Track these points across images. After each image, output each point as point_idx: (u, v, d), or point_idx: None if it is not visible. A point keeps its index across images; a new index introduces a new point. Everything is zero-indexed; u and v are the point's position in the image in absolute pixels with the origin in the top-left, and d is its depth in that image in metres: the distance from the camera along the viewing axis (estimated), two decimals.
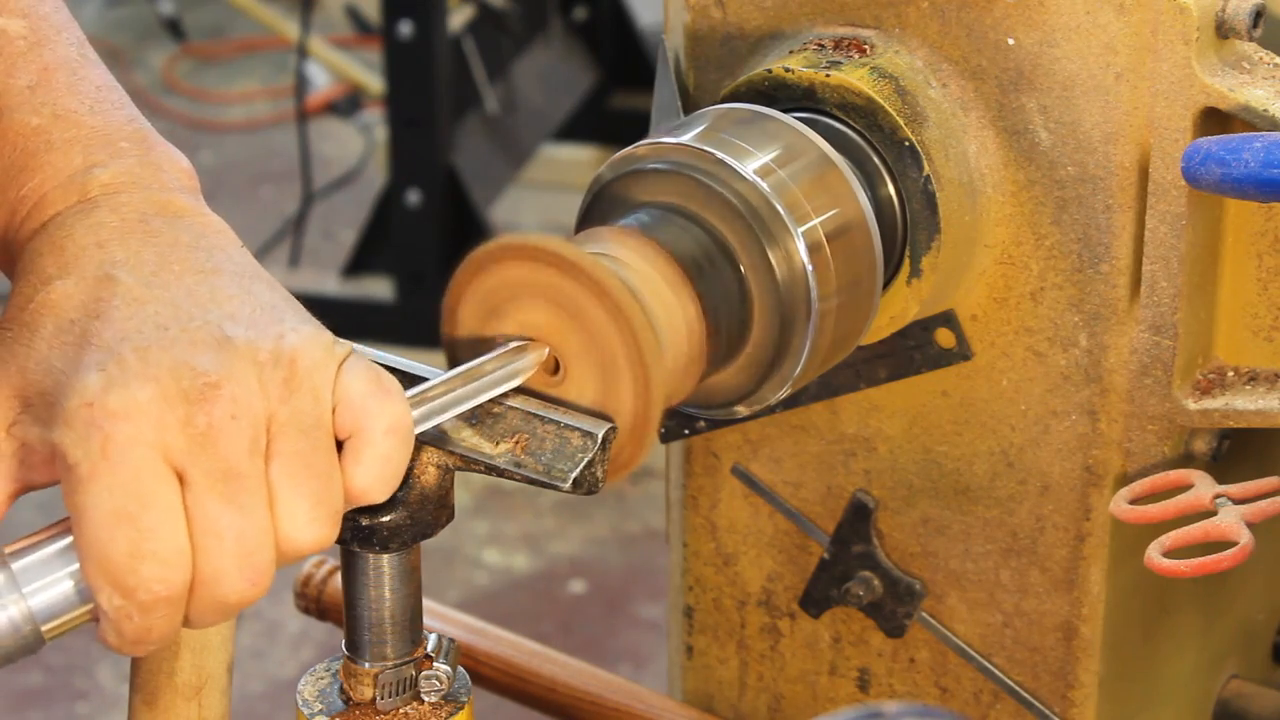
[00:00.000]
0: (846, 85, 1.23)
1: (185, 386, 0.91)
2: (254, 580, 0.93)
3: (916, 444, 1.34)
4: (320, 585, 1.52)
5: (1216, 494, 1.21)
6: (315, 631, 3.30)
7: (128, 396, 0.90)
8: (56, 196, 1.01)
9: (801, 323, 1.15)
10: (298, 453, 0.93)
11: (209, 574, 0.92)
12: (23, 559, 0.93)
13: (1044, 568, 1.33)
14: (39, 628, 0.93)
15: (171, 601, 0.91)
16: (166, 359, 0.92)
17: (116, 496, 0.90)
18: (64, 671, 3.27)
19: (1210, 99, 1.20)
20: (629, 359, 1.04)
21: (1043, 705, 1.35)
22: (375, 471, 0.96)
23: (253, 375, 0.92)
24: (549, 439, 1.03)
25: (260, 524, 0.92)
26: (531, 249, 1.05)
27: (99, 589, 0.91)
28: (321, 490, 0.94)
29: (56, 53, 1.06)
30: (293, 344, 0.94)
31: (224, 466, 0.91)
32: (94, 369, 0.91)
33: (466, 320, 1.08)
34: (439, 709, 1.08)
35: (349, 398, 0.95)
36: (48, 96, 1.04)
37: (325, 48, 5.15)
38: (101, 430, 0.90)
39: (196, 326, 0.93)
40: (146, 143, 1.04)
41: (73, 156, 1.02)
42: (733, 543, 1.43)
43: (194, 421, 0.91)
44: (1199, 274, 1.25)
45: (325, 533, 0.95)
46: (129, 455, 0.90)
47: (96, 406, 0.90)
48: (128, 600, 0.91)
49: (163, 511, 0.90)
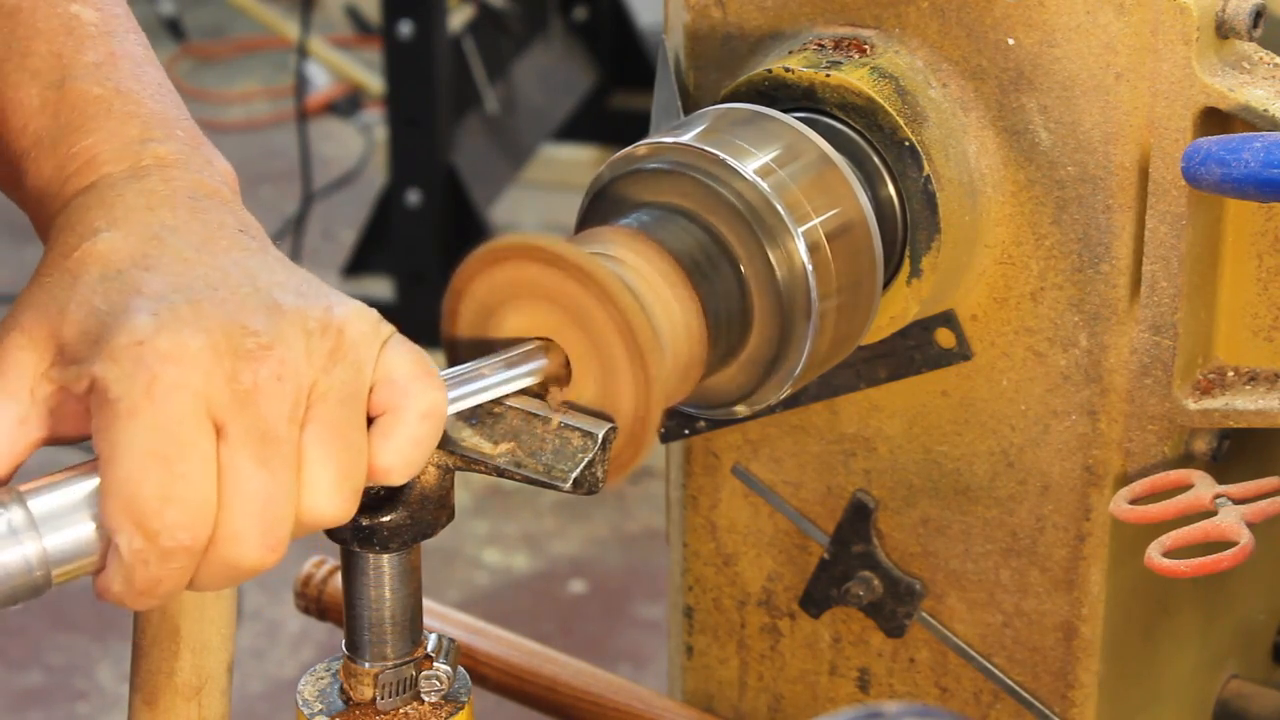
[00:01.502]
0: (846, 85, 1.23)
1: (236, 342, 0.91)
2: (271, 546, 0.92)
3: (916, 444, 1.34)
4: (320, 585, 1.52)
5: (1216, 494, 1.21)
6: (315, 631, 3.30)
7: (180, 341, 0.90)
8: (109, 158, 1.01)
9: (801, 323, 1.15)
10: (333, 423, 0.93)
11: (230, 532, 0.91)
12: (40, 497, 0.91)
13: (1044, 568, 1.33)
14: (51, 570, 0.91)
15: (190, 552, 0.90)
16: (219, 313, 0.92)
17: (155, 437, 0.89)
18: (64, 671, 3.27)
19: (1210, 99, 1.20)
20: (629, 359, 1.04)
21: (1043, 705, 1.35)
22: (403, 452, 0.96)
23: (301, 341, 0.92)
24: (549, 439, 1.03)
25: (286, 489, 0.92)
26: (532, 249, 1.05)
27: (120, 528, 0.89)
28: (349, 463, 0.94)
29: (124, 45, 1.07)
30: (341, 315, 0.94)
31: (262, 427, 0.91)
32: (146, 312, 0.91)
33: (467, 320, 1.08)
34: (439, 709, 1.08)
35: (391, 375, 0.95)
36: (112, 74, 1.05)
37: (325, 48, 5.16)
38: (149, 369, 0.89)
39: (246, 292, 0.94)
40: (198, 139, 1.05)
41: (130, 127, 1.02)
42: (733, 543, 1.43)
43: (240, 378, 0.90)
44: (1199, 274, 1.25)
45: (345, 507, 0.94)
46: (173, 398, 0.89)
47: (147, 345, 0.89)
48: (149, 544, 0.89)
49: (198, 460, 0.89)
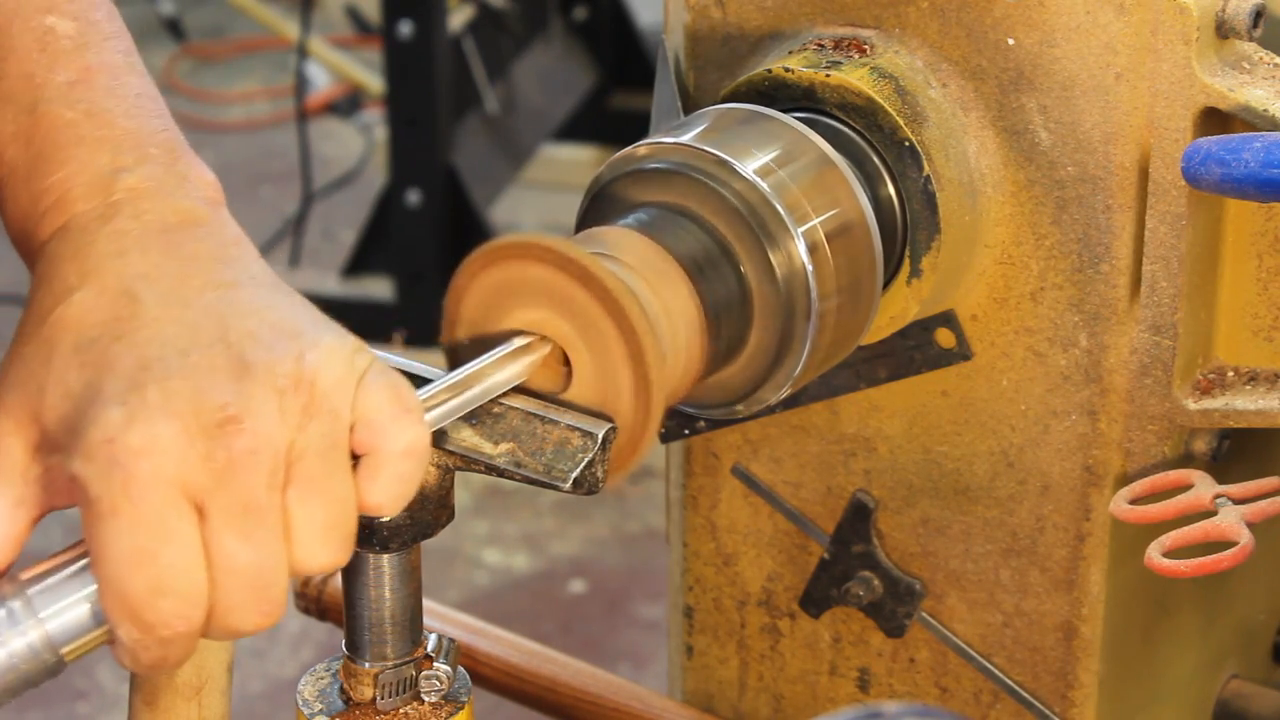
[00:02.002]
0: (846, 85, 1.23)
1: (205, 421, 0.91)
2: (268, 612, 0.93)
3: (916, 444, 1.34)
4: (320, 585, 1.52)
5: (1216, 494, 1.21)
6: (315, 631, 3.29)
7: (149, 433, 0.90)
8: (80, 194, 1.00)
9: (801, 323, 1.15)
10: (314, 479, 0.93)
11: (224, 607, 0.92)
12: (40, 584, 0.93)
13: (1044, 568, 1.33)
14: (58, 651, 0.94)
15: (188, 636, 0.92)
16: (187, 390, 0.91)
17: (138, 534, 0.89)
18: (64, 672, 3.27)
19: (1210, 99, 1.20)
20: (629, 359, 1.04)
21: (1043, 705, 1.35)
22: (391, 491, 0.96)
23: (273, 404, 0.92)
24: (549, 439, 1.03)
25: (275, 556, 0.92)
26: (532, 249, 1.05)
27: (118, 623, 0.91)
28: (336, 515, 0.94)
29: (101, 56, 1.06)
30: (313, 362, 0.94)
31: (243, 501, 0.91)
32: (115, 402, 0.91)
33: (467, 320, 1.08)
34: (439, 709, 1.08)
35: (369, 416, 0.95)
36: (85, 94, 1.04)
37: (325, 48, 5.16)
38: (123, 468, 0.89)
39: (217, 351, 0.93)
40: (174, 152, 1.04)
41: (101, 155, 1.01)
42: (733, 543, 1.43)
43: (214, 456, 0.90)
44: (1199, 274, 1.25)
45: (338, 557, 0.95)
46: (150, 493, 0.89)
47: (118, 443, 0.90)
48: (146, 635, 0.91)
49: (182, 548, 0.90)
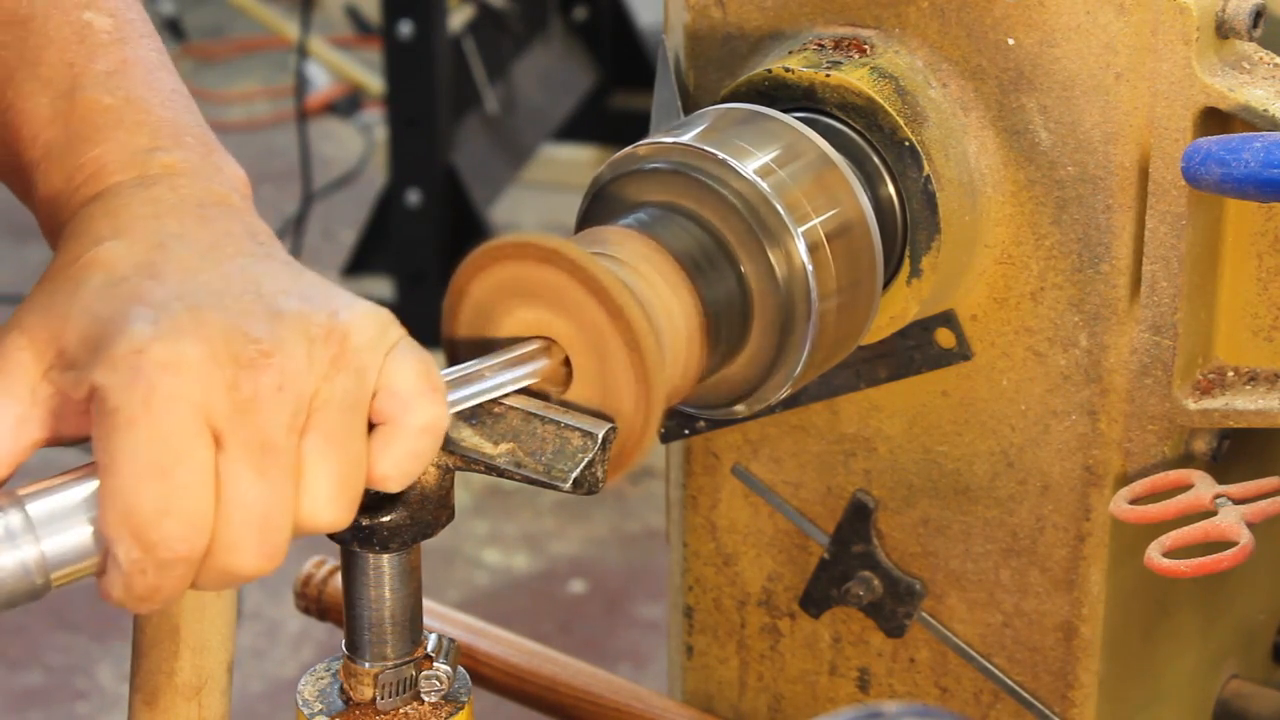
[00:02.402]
0: (846, 85, 1.23)
1: (236, 350, 0.91)
2: (268, 555, 0.92)
3: (916, 444, 1.34)
4: (320, 585, 1.52)
5: (1216, 494, 1.21)
6: (315, 631, 3.30)
7: (178, 350, 0.89)
8: (117, 168, 1.01)
9: (801, 322, 1.15)
10: (333, 432, 0.92)
11: (226, 541, 0.91)
12: (39, 501, 0.92)
13: (1044, 568, 1.33)
14: (49, 574, 0.91)
15: (187, 562, 0.90)
16: (220, 320, 0.91)
17: (153, 449, 0.89)
18: (64, 671, 3.27)
19: (1210, 99, 1.20)
20: (629, 359, 1.04)
21: (1043, 705, 1.35)
22: (401, 464, 0.96)
23: (303, 348, 0.92)
24: (549, 439, 1.03)
25: (284, 499, 0.92)
26: (532, 249, 1.05)
27: (118, 539, 0.90)
28: (348, 472, 0.93)
29: (137, 51, 1.07)
30: (346, 320, 0.94)
31: (261, 437, 0.90)
32: (145, 319, 0.90)
33: (467, 320, 1.08)
34: (439, 709, 1.08)
35: (394, 386, 0.95)
36: (123, 83, 1.05)
37: (325, 48, 5.16)
38: (147, 379, 0.89)
39: (250, 299, 0.93)
40: (208, 145, 1.05)
41: (139, 136, 1.02)
42: (733, 543, 1.43)
43: (240, 386, 0.90)
44: (1199, 274, 1.25)
45: (343, 515, 0.94)
46: (171, 409, 0.89)
47: (145, 355, 0.89)
48: (146, 554, 0.90)
49: (196, 471, 0.89)
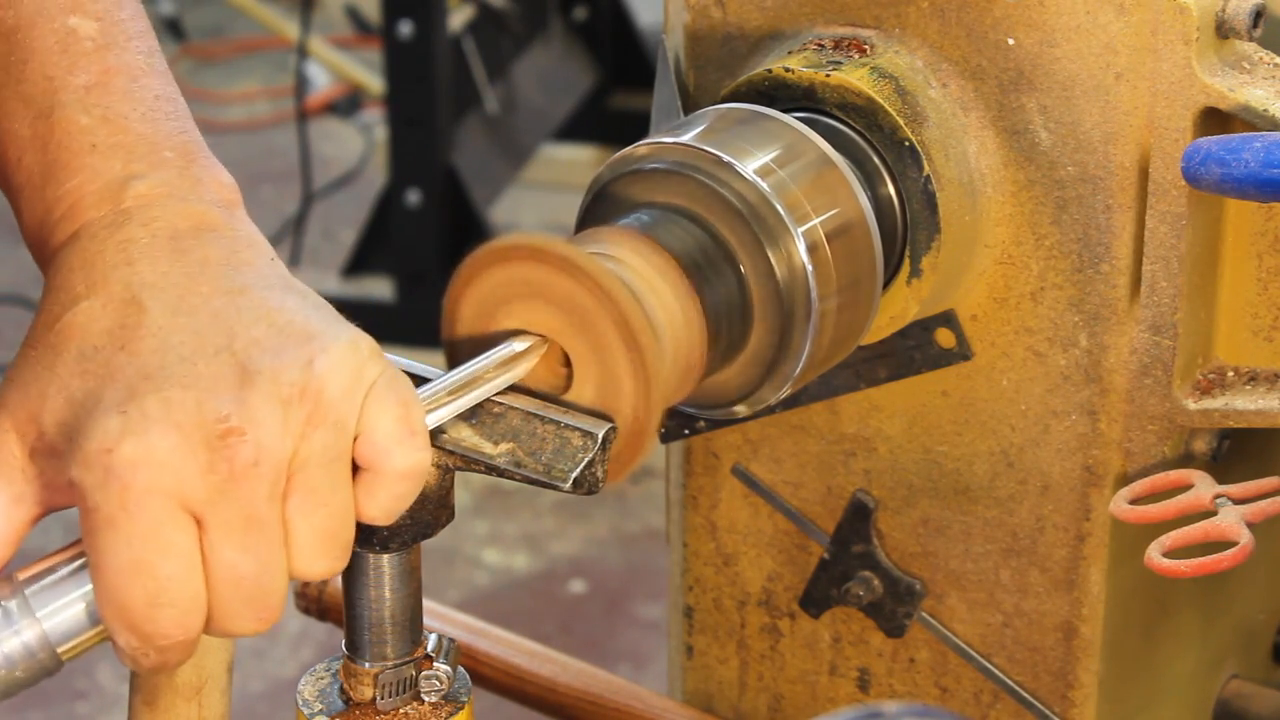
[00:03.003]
0: (846, 85, 1.23)
1: (207, 432, 0.90)
2: (266, 618, 0.93)
3: (916, 444, 1.34)
4: (320, 585, 1.52)
5: (1216, 494, 1.21)
6: (315, 631, 3.30)
7: (147, 445, 0.90)
8: (91, 203, 1.00)
9: (801, 323, 1.15)
10: (315, 490, 0.93)
11: (222, 614, 0.92)
12: (37, 584, 0.94)
13: (1044, 568, 1.33)
14: (54, 650, 0.94)
15: (185, 644, 0.93)
16: (188, 400, 0.91)
17: (135, 547, 0.89)
18: (64, 671, 3.26)
19: (1210, 99, 1.20)
20: (629, 360, 1.04)
21: (1043, 705, 1.35)
22: (386, 507, 0.96)
23: (277, 414, 0.91)
24: (549, 439, 1.03)
25: (273, 566, 0.92)
26: (532, 249, 1.05)
27: (117, 631, 0.92)
28: (335, 526, 0.94)
29: (122, 58, 1.05)
30: (320, 370, 0.93)
31: (244, 513, 0.91)
32: (114, 411, 0.90)
33: (467, 320, 1.08)
34: (439, 709, 1.08)
35: (372, 435, 0.94)
36: (102, 98, 1.03)
37: (325, 48, 5.16)
38: (120, 479, 0.89)
39: (222, 360, 0.92)
40: (189, 154, 1.03)
41: (113, 162, 1.01)
42: (733, 543, 1.43)
43: (215, 469, 0.90)
44: (1199, 274, 1.25)
45: (336, 564, 0.95)
46: (147, 504, 0.89)
47: (115, 454, 0.89)
48: (144, 643, 0.92)
49: (180, 560, 0.90)
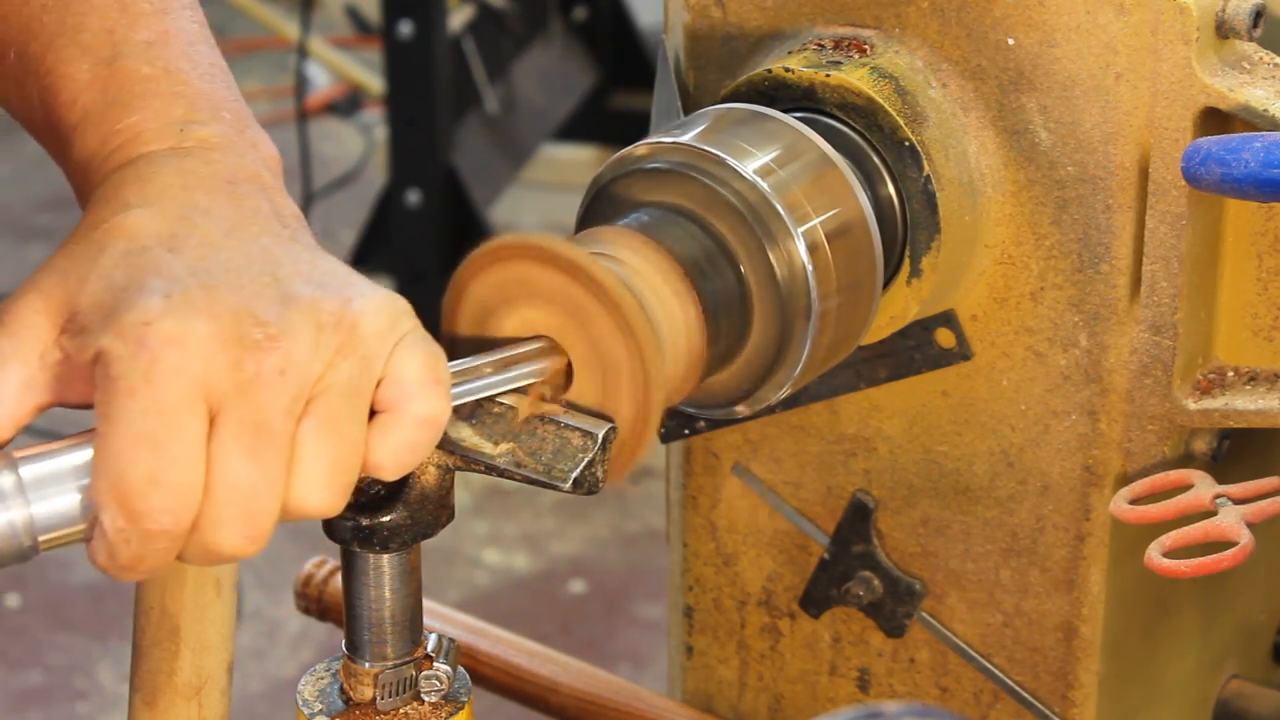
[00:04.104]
0: (846, 85, 1.23)
1: (243, 331, 0.91)
2: (251, 535, 0.92)
3: (916, 444, 1.34)
4: (320, 585, 1.52)
5: (1216, 494, 1.21)
6: (315, 631, 3.30)
7: (186, 326, 0.90)
8: (152, 137, 1.01)
9: (801, 323, 1.15)
10: (331, 417, 0.93)
11: (212, 519, 0.91)
12: (32, 464, 0.92)
13: (1044, 568, 1.33)
14: (37, 536, 0.92)
15: (171, 535, 0.91)
16: (231, 299, 0.92)
17: (149, 419, 0.89)
18: (64, 671, 3.27)
19: (1210, 99, 1.20)
20: (629, 360, 1.04)
21: (1043, 705, 1.35)
22: (396, 453, 0.96)
23: (310, 334, 0.92)
24: (549, 439, 1.03)
25: (274, 483, 0.92)
26: (532, 249, 1.05)
27: (105, 506, 0.90)
28: (343, 458, 0.94)
29: (179, 23, 1.07)
30: (358, 309, 0.94)
31: (258, 418, 0.91)
32: (159, 292, 0.91)
33: (467, 320, 1.08)
34: (439, 709, 1.08)
35: (399, 376, 0.95)
36: (163, 53, 1.05)
37: (325, 48, 5.16)
38: (151, 351, 0.90)
39: (265, 280, 0.94)
40: (244, 120, 1.05)
41: (176, 107, 1.03)
42: (733, 543, 1.43)
43: (243, 366, 0.91)
44: (1199, 274, 1.25)
45: (334, 501, 0.94)
46: (172, 383, 0.89)
47: (153, 326, 0.90)
48: (131, 524, 0.90)
49: (189, 445, 0.90)
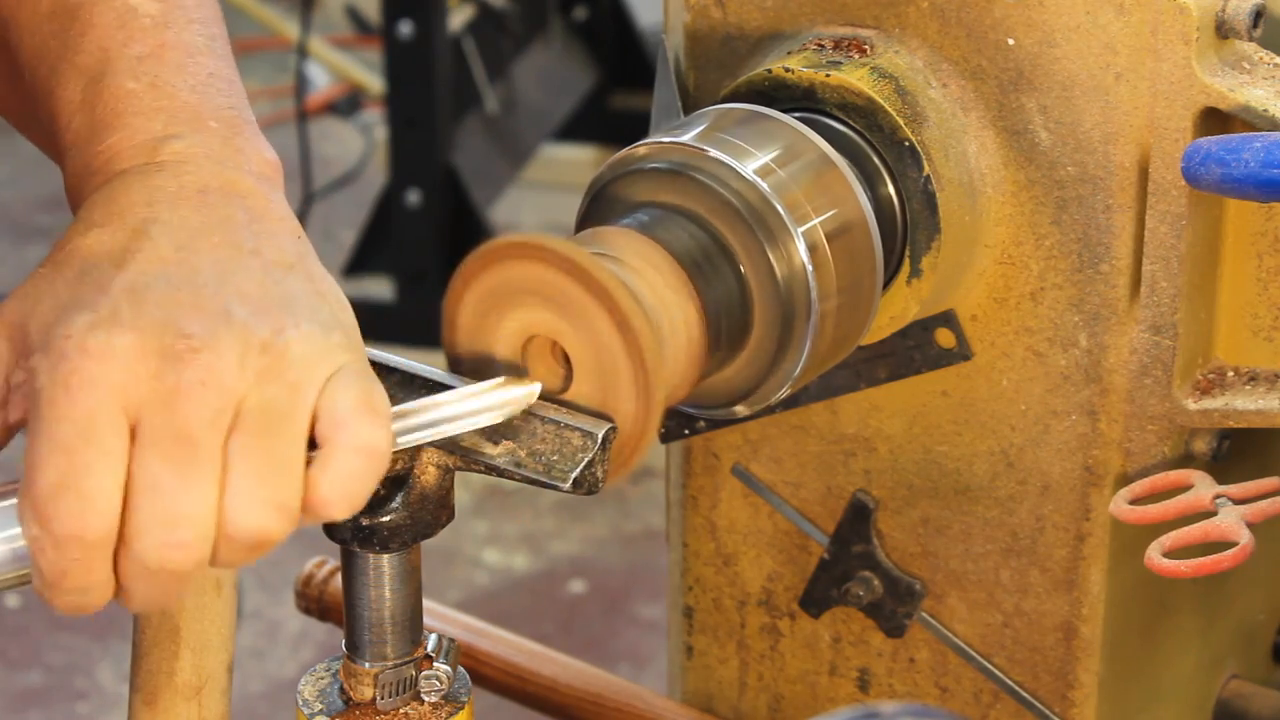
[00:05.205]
0: (846, 85, 1.23)
1: (166, 344, 0.91)
2: (179, 547, 0.91)
3: (916, 444, 1.34)
4: (321, 585, 1.52)
5: (1216, 494, 1.21)
6: (315, 631, 3.30)
7: (106, 339, 0.91)
8: (127, 156, 1.02)
9: (801, 323, 1.15)
10: (258, 435, 0.92)
11: (131, 529, 0.91)
12: None
13: (1044, 568, 1.33)
14: None
15: (84, 543, 0.90)
16: (159, 314, 0.92)
17: (63, 427, 0.90)
18: (64, 671, 3.27)
19: (1210, 99, 1.20)
20: (629, 360, 1.04)
21: (1043, 705, 1.35)
22: (337, 486, 0.94)
23: (235, 351, 0.92)
24: (549, 439, 1.03)
25: (198, 494, 0.91)
26: (532, 249, 1.05)
27: (23, 516, 0.91)
28: (275, 477, 0.92)
29: (180, 36, 1.07)
30: (289, 337, 0.94)
31: (178, 429, 0.90)
32: (87, 308, 0.92)
33: (467, 320, 1.08)
34: (439, 709, 1.08)
35: (331, 408, 0.94)
36: (153, 67, 1.05)
37: (325, 48, 5.16)
38: (70, 362, 0.90)
39: (206, 294, 0.94)
40: (235, 127, 1.05)
41: (154, 123, 1.03)
42: (733, 543, 1.43)
43: (163, 377, 0.91)
44: (1199, 274, 1.25)
45: (269, 522, 0.92)
46: (88, 393, 0.90)
47: (73, 340, 0.91)
48: (43, 531, 0.90)
49: (101, 452, 0.90)
